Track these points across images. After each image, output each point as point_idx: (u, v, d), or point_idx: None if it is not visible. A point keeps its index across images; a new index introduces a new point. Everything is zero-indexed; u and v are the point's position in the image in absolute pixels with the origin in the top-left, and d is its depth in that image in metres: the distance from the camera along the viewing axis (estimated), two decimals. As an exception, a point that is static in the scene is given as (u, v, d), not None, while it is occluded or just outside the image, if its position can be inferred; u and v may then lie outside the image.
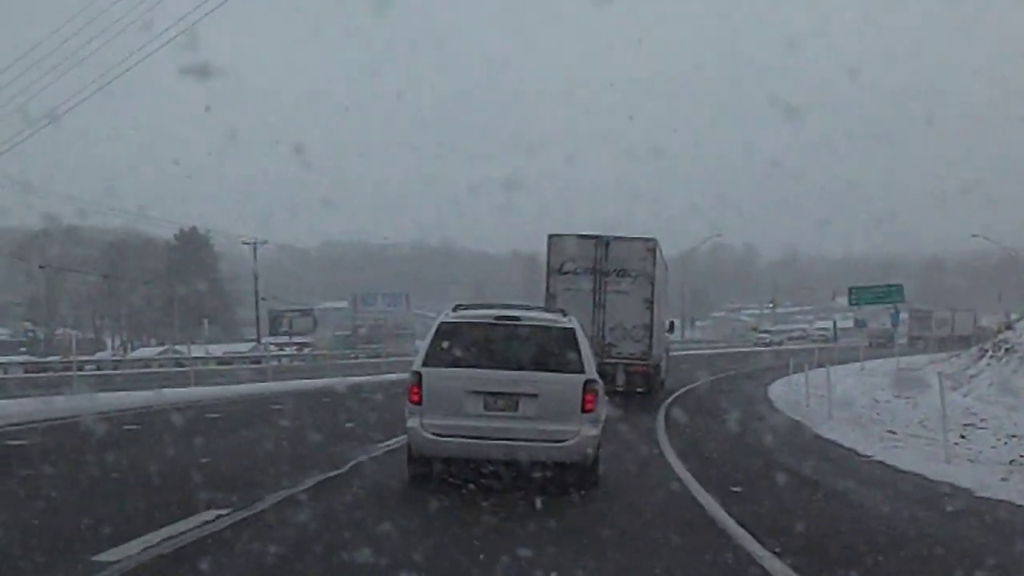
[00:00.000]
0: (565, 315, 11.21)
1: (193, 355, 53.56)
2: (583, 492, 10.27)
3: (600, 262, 23.24)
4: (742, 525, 8.38)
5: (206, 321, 47.04)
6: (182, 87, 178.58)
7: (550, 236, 23.89)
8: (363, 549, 6.85)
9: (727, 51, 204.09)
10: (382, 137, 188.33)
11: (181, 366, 46.15)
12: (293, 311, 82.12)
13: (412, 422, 10.28)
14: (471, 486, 10.15)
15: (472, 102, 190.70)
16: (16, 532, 7.52)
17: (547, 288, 23.45)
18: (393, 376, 37.83)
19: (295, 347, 70.78)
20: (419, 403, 10.24)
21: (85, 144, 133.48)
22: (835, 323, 39.09)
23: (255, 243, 76.52)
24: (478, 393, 10.15)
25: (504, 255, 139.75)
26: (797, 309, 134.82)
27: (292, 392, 27.94)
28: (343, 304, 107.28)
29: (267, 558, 6.84)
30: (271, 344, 70.90)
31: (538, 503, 9.24)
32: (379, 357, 58.72)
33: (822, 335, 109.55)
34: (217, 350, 62.94)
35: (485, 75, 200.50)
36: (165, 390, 26.43)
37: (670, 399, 25.15)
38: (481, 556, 7.00)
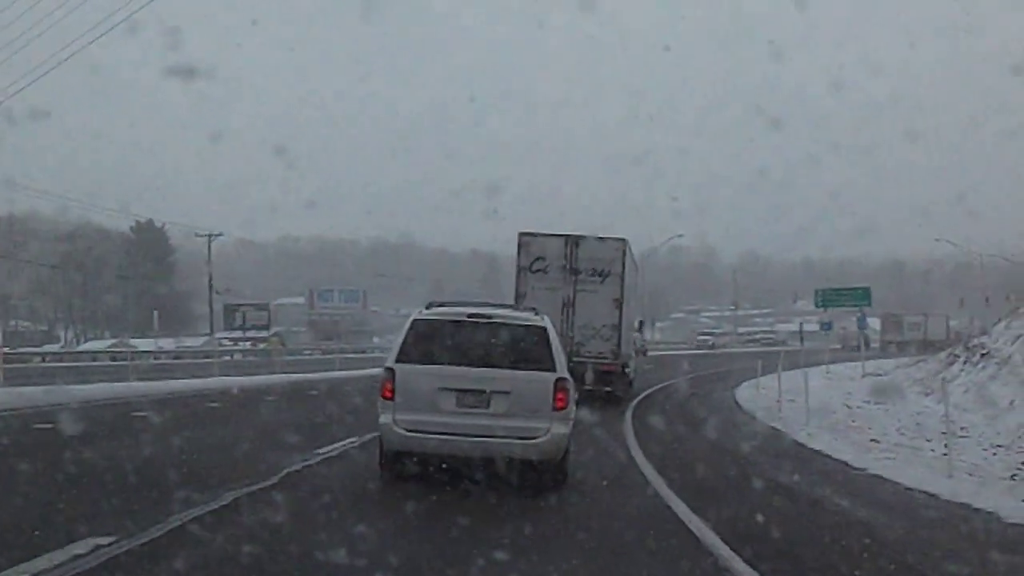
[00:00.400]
0: (537, 314, 11.25)
1: (141, 349, 51.39)
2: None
3: (571, 261, 23.17)
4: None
5: (156, 314, 45.65)
6: (154, 81, 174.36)
7: (521, 234, 23.67)
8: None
9: (688, 52, 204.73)
10: (345, 135, 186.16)
11: (116, 360, 44.21)
12: (247, 305, 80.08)
13: (385, 418, 10.28)
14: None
15: (438, 104, 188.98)
16: None
17: (517, 287, 23.30)
18: (346, 374, 36.77)
19: (249, 342, 69.16)
20: (392, 399, 10.25)
21: (44, 133, 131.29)
22: (802, 325, 37.91)
23: (209, 236, 74.45)
24: (450, 390, 10.20)
25: (464, 253, 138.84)
26: (757, 312, 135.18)
27: (236, 389, 26.19)
28: (300, 300, 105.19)
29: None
30: (224, 339, 68.73)
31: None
32: (333, 354, 58.20)
33: (768, 338, 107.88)
34: (170, 344, 61.47)
35: (453, 77, 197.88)
36: (74, 387, 23.44)
37: (637, 400, 24.75)
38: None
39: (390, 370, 10.30)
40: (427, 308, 11.01)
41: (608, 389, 23.08)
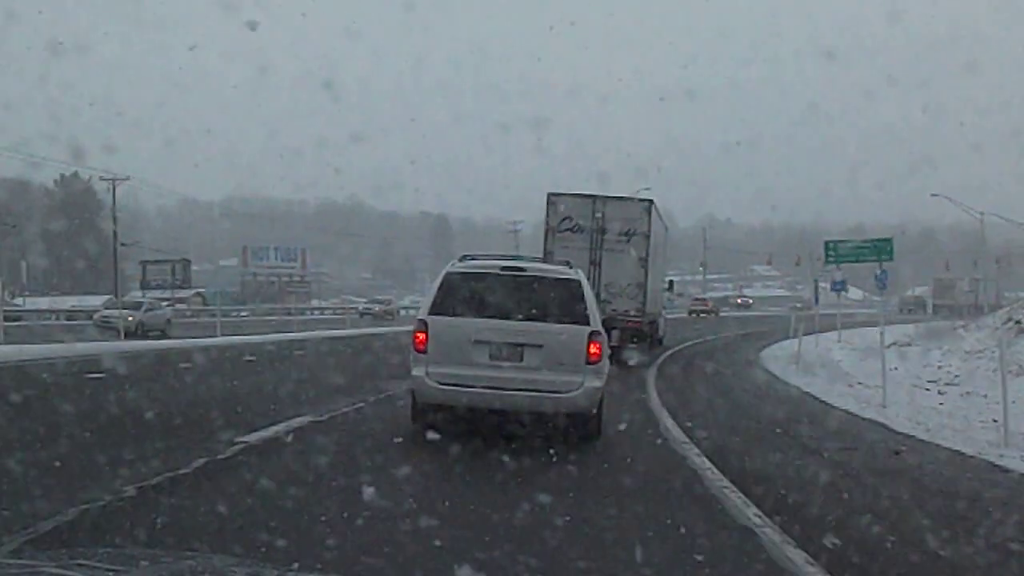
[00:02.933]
0: (571, 267, 11.16)
1: (27, 308, 47.36)
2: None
3: (597, 221, 23.76)
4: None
5: (24, 264, 42.71)
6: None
7: (549, 195, 24.39)
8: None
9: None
10: (299, 92, 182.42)
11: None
12: (165, 262, 69.31)
13: (417, 371, 10.19)
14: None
15: (397, 60, 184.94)
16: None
17: (544, 245, 23.85)
18: (282, 336, 33.30)
19: (168, 303, 55.52)
20: (424, 352, 10.15)
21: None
22: (816, 285, 35.96)
23: (113, 180, 65.66)
24: (484, 343, 10.11)
25: (413, 215, 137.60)
26: (716, 276, 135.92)
27: (136, 355, 22.04)
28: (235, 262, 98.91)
29: None
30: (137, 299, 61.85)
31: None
32: (270, 316, 54.20)
33: (745, 302, 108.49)
34: (67, 303, 55.66)
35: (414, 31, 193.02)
36: None
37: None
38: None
39: (423, 322, 10.22)
40: (460, 260, 10.96)
41: (634, 345, 23.49)
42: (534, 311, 10.24)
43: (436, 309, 10.30)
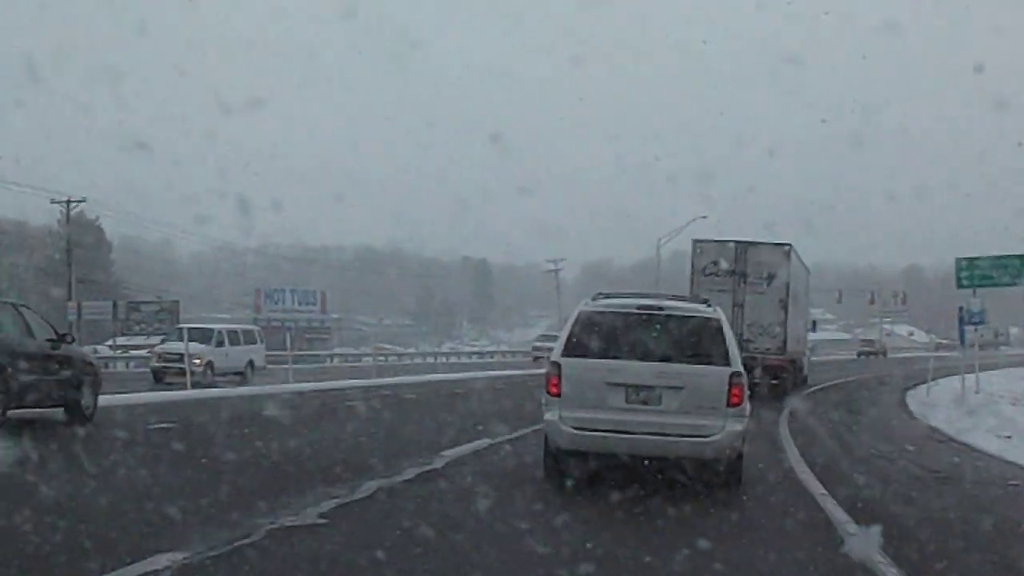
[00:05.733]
0: (710, 305, 10.63)
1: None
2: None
3: (739, 264, 25.51)
4: None
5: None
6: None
7: (694, 241, 26.65)
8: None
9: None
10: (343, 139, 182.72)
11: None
12: (150, 303, 62.06)
13: (550, 415, 9.75)
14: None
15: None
16: None
17: (691, 288, 25.15)
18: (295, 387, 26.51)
19: (147, 350, 41.63)
20: (558, 395, 9.70)
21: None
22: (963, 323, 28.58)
23: (68, 202, 58.47)
24: (619, 385, 9.62)
25: (454, 262, 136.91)
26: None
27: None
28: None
29: None
30: (118, 344, 54.12)
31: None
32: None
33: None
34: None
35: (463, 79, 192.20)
36: None
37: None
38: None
39: (556, 364, 9.78)
40: (593, 299, 10.49)
41: (775, 382, 24.87)
42: (673, 351, 9.77)
43: (569, 350, 9.85)
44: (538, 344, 63.20)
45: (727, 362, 9.74)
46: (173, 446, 12.20)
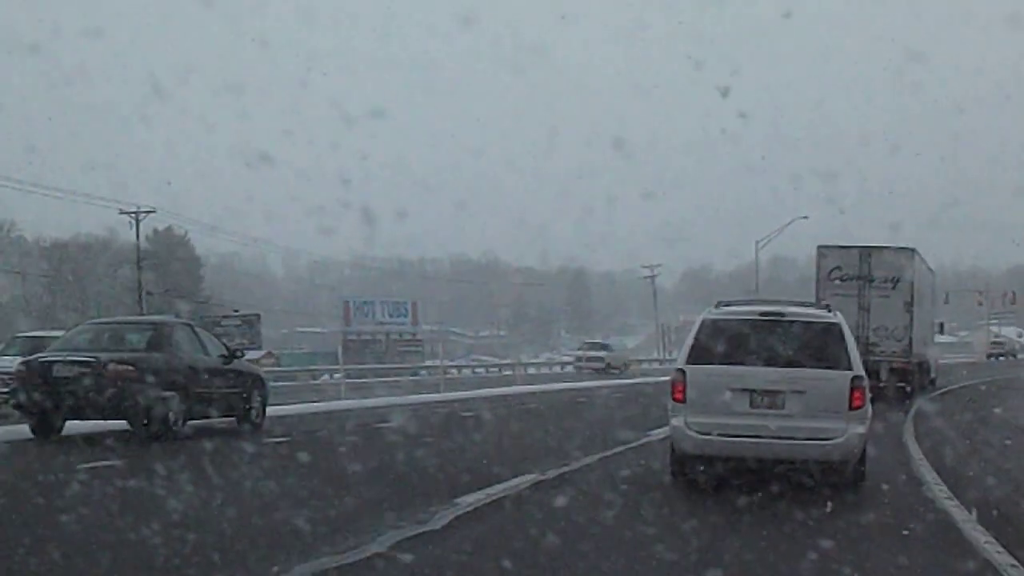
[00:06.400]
0: (830, 310, 10.99)
1: None
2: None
3: (863, 270, 25.81)
4: None
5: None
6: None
7: (819, 247, 26.82)
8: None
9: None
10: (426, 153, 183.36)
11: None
12: (231, 317, 60.83)
13: (676, 420, 10.08)
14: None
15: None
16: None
17: (816, 294, 25.52)
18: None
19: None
20: (683, 401, 10.02)
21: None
22: None
23: (136, 213, 56.74)
24: (743, 390, 9.88)
25: (550, 272, 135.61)
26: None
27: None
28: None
29: None
30: None
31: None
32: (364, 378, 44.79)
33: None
34: None
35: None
36: None
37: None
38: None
39: (681, 371, 10.11)
40: (716, 307, 10.85)
41: (901, 385, 25.29)
42: (795, 357, 10.02)
43: (694, 357, 10.15)
44: (581, 352, 59.36)
45: (848, 366, 9.93)
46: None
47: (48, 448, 13.52)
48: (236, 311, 62.94)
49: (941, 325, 38.54)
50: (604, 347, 60.37)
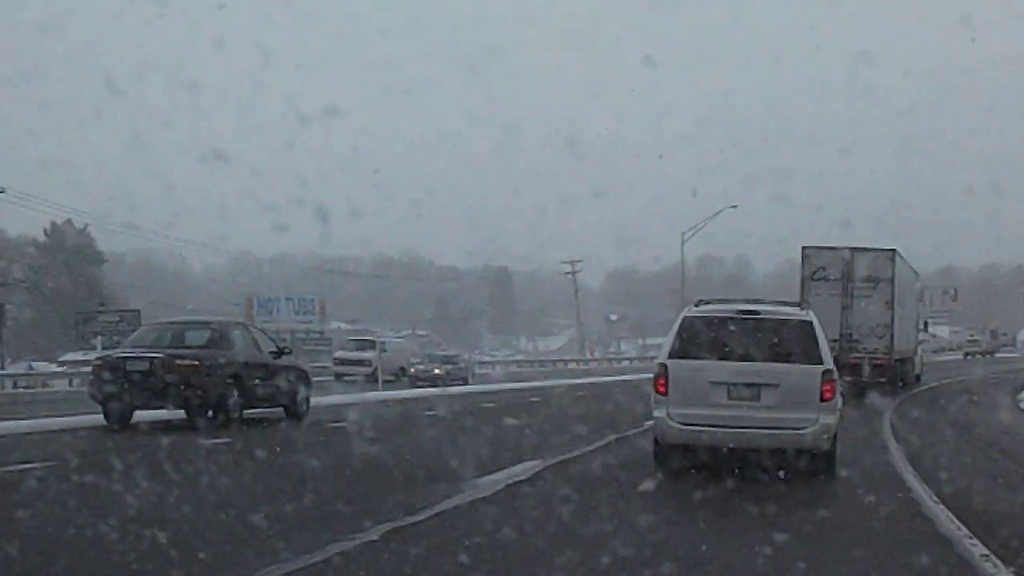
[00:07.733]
0: (803, 308, 11.85)
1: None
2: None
3: (846, 270, 26.65)
4: None
5: None
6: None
7: (804, 248, 27.60)
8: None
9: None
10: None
11: None
12: (107, 313, 55.71)
13: (659, 412, 10.84)
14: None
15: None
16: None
17: (800, 293, 26.24)
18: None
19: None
20: (665, 394, 10.79)
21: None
22: None
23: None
24: (722, 384, 10.68)
25: (475, 269, 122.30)
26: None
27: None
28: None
29: None
30: (68, 360, 48.13)
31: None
32: None
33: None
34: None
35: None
36: None
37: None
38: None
39: (663, 366, 10.81)
40: (696, 306, 11.54)
41: (882, 380, 25.93)
42: (769, 352, 10.75)
43: (675, 353, 10.90)
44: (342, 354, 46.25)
45: (820, 361, 10.74)
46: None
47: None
48: (102, 305, 61.39)
49: (926, 323, 40.29)
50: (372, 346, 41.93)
